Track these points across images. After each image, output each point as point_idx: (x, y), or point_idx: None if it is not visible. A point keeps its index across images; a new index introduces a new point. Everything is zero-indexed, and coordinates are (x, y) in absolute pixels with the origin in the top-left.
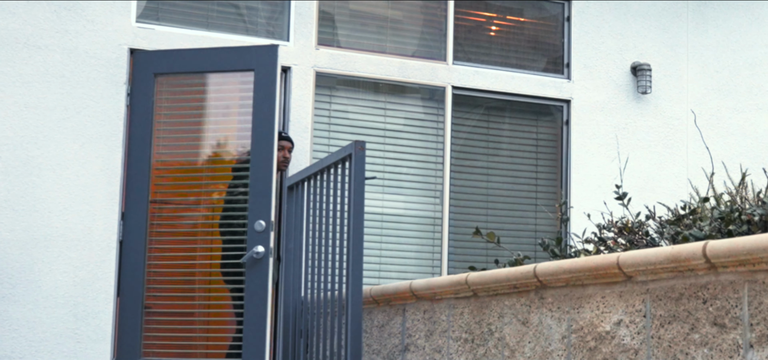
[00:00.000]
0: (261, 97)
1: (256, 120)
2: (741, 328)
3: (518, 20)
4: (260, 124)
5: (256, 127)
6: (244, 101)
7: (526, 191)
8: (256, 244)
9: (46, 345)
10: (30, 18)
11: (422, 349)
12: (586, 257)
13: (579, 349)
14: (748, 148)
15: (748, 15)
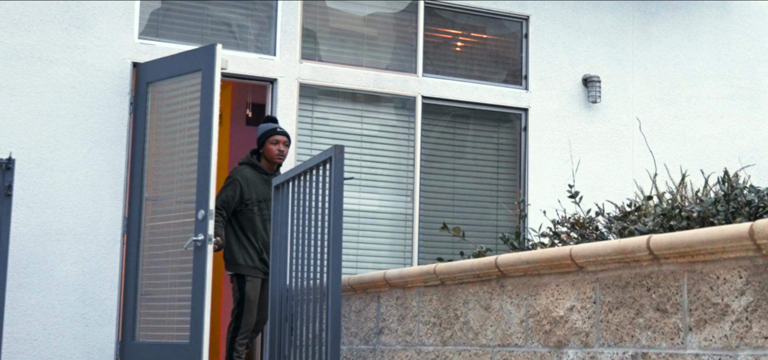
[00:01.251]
0: (205, 94)
1: (201, 116)
2: (681, 313)
3: (481, 37)
4: (204, 120)
5: (201, 123)
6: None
7: (488, 190)
8: (198, 233)
9: (58, 328)
10: (43, 35)
11: (395, 332)
12: (542, 249)
13: (536, 332)
14: (687, 152)
15: (687, 32)
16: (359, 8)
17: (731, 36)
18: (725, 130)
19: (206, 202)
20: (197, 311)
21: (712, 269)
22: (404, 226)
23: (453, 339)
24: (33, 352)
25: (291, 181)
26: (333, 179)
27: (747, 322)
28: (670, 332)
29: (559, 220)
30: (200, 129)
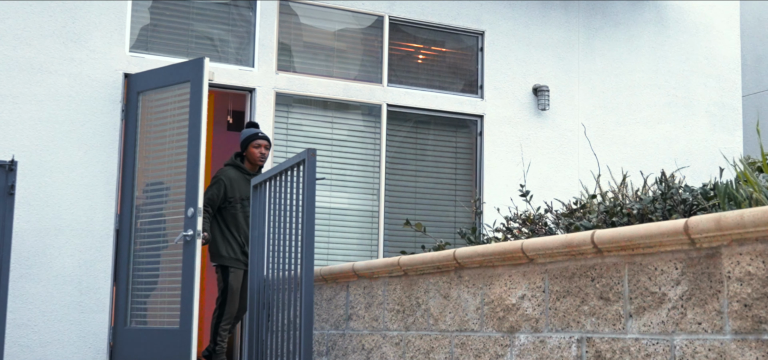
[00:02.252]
0: (194, 103)
1: (190, 123)
2: (622, 301)
3: (441, 50)
4: (193, 126)
5: (190, 128)
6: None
7: (447, 190)
8: (188, 228)
9: (56, 315)
10: (43, 48)
11: (363, 318)
12: (496, 243)
13: (490, 318)
14: (628, 155)
15: (628, 46)
16: (330, 24)
17: (667, 49)
18: (662, 135)
19: (195, 200)
20: (187, 299)
21: (651, 261)
22: (371, 222)
23: (415, 325)
24: (33, 336)
25: (268, 181)
26: (306, 179)
27: (682, 310)
28: (612, 318)
29: (512, 216)
30: (189, 134)
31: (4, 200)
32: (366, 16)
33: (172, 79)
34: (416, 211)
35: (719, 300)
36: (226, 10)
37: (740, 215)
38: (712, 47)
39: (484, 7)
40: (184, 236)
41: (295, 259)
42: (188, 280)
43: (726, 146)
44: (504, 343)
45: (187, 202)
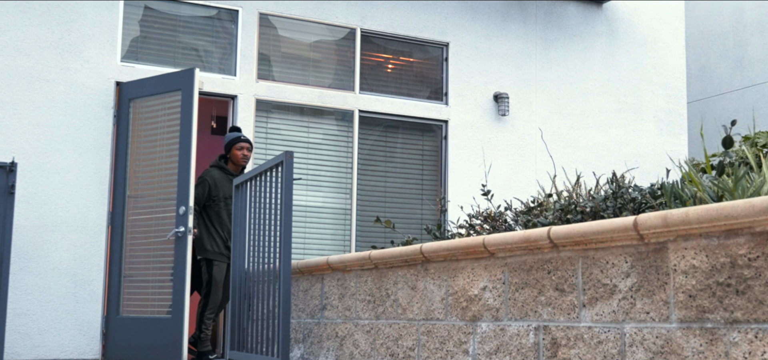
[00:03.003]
0: (185, 109)
1: (182, 128)
2: (576, 292)
3: (408, 60)
4: (184, 131)
5: (181, 133)
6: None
7: (414, 189)
8: (180, 225)
9: (53, 305)
10: (40, 58)
11: (336, 308)
12: (460, 239)
13: (454, 307)
14: (581, 157)
15: (581, 56)
16: (306, 36)
17: (618, 60)
18: (613, 138)
19: (186, 199)
20: (178, 291)
21: (603, 255)
22: (344, 219)
23: (385, 314)
24: (32, 324)
25: (249, 181)
26: (284, 180)
27: (631, 300)
28: (567, 308)
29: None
30: (180, 139)
31: (5, 199)
32: (339, 29)
33: (163, 88)
34: (386, 209)
35: (666, 291)
36: (210, 23)
37: (685, 213)
38: (659, 57)
39: (449, 20)
40: (176, 232)
41: (274, 253)
42: (180, 273)
43: (672, 149)
44: (467, 331)
45: (179, 201)
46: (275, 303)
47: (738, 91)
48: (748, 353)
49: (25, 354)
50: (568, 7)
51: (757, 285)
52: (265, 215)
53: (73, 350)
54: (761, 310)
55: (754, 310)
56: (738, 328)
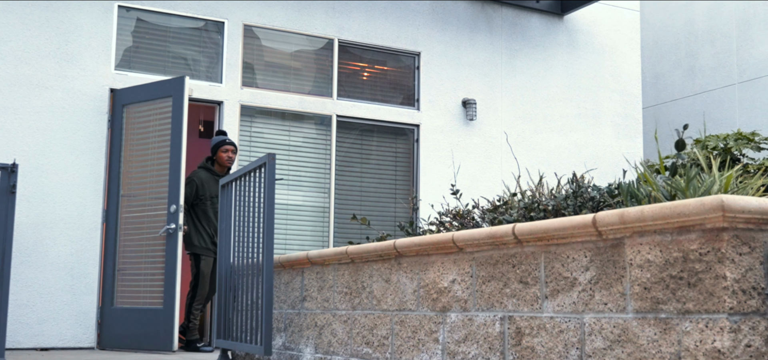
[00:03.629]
0: (176, 115)
1: (173, 132)
2: (539, 285)
3: (383, 68)
4: (175, 136)
5: (172, 137)
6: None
7: (388, 189)
8: (171, 222)
9: (51, 296)
10: (40, 67)
11: (315, 299)
12: (431, 235)
13: (425, 299)
14: (544, 159)
15: (544, 65)
16: (287, 46)
17: (578, 68)
18: (573, 141)
19: (177, 198)
20: (170, 283)
21: (564, 250)
22: (322, 216)
23: (361, 305)
24: (32, 315)
25: (234, 181)
26: (267, 180)
27: (591, 292)
28: (530, 300)
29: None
30: (172, 142)
31: (7, 198)
32: (318, 39)
33: (155, 94)
34: (362, 207)
35: (622, 284)
36: (198, 34)
37: (641, 211)
38: (616, 66)
39: (420, 31)
40: (167, 229)
41: (258, 248)
42: (171, 267)
43: (628, 151)
44: (437, 321)
45: (170, 199)
46: (258, 295)
47: (689, 97)
48: (699, 342)
49: (25, 342)
50: (531, 19)
51: (707, 278)
52: (249, 213)
53: (70, 339)
54: (711, 302)
55: (704, 302)
56: (690, 318)
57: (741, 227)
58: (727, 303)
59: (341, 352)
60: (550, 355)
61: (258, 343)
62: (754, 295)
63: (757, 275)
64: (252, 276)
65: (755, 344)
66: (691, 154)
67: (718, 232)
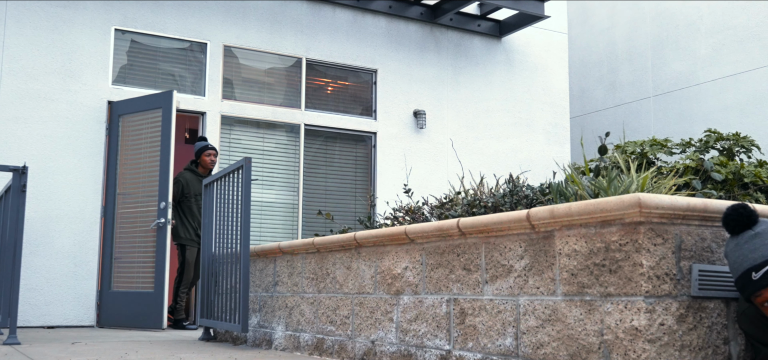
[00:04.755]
0: (165, 125)
1: (163, 142)
2: (480, 271)
3: (344, 83)
4: (164, 142)
5: (162, 143)
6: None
7: (349, 188)
8: (161, 217)
9: (56, 281)
10: (47, 82)
11: (286, 284)
12: (386, 228)
13: (381, 284)
14: (484, 162)
15: (484, 80)
16: (262, 64)
17: (514, 83)
18: (510, 147)
19: (166, 196)
20: (160, 269)
21: (502, 241)
22: (292, 212)
23: (325, 289)
24: (39, 297)
25: (216, 181)
26: (244, 180)
27: (525, 277)
28: (473, 284)
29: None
30: (161, 147)
31: (18, 196)
32: (289, 58)
33: (147, 106)
34: (326, 204)
35: (553, 270)
36: (184, 53)
37: (569, 207)
38: (547, 81)
39: (377, 51)
40: (157, 223)
41: (236, 239)
42: (161, 256)
43: (558, 156)
44: (392, 303)
45: (160, 197)
46: (237, 280)
47: (611, 109)
48: (619, 321)
49: (34, 321)
50: (473, 41)
51: (626, 265)
52: (228, 209)
53: (73, 318)
54: (629, 286)
55: (623, 286)
56: (611, 300)
57: (655, 221)
58: (644, 287)
59: (309, 330)
60: (489, 332)
61: (236, 322)
62: (666, 280)
63: (670, 263)
64: (231, 264)
65: (668, 323)
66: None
67: (636, 226)
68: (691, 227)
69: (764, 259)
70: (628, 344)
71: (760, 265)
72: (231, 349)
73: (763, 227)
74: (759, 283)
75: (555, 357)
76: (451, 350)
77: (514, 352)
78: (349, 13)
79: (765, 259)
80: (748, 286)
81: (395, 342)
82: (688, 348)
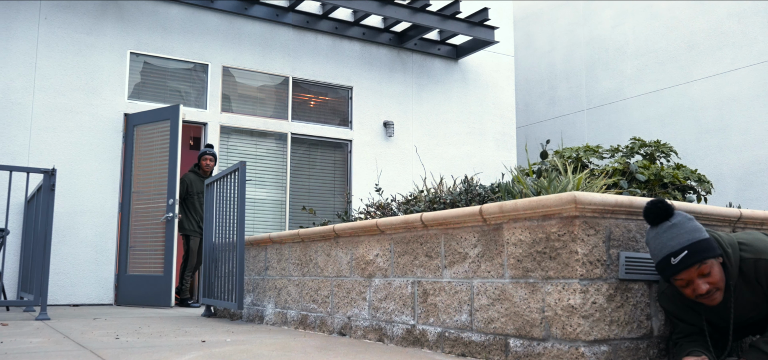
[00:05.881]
0: (173, 135)
1: (170, 148)
2: (440, 258)
3: (325, 98)
4: (172, 150)
5: (170, 149)
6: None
7: (329, 187)
8: (169, 212)
9: (81, 266)
10: (72, 97)
11: (275, 268)
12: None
13: (356, 268)
14: (444, 165)
15: (444, 96)
16: (254, 82)
17: (469, 98)
18: (465, 152)
19: (174, 194)
20: (168, 256)
21: (458, 232)
22: (280, 207)
23: (309, 273)
24: (66, 280)
25: (216, 181)
26: (240, 180)
27: (478, 263)
28: (433, 269)
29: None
30: (170, 153)
31: (48, 194)
32: (278, 77)
33: (157, 118)
34: (310, 200)
35: (501, 257)
36: (189, 73)
37: (515, 203)
38: (497, 96)
39: (353, 71)
40: (166, 217)
41: (233, 231)
42: (169, 244)
43: (506, 160)
44: (365, 284)
45: (168, 195)
46: (233, 265)
47: (551, 120)
48: (558, 300)
49: (61, 300)
50: (434, 62)
51: (563, 253)
52: (226, 205)
53: (94, 297)
54: (566, 270)
55: (561, 270)
56: (551, 282)
57: (588, 215)
58: (579, 271)
59: (294, 308)
60: (448, 310)
61: (233, 301)
62: (598, 265)
63: (601, 251)
64: (229, 251)
65: (599, 301)
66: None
67: (572, 219)
68: (619, 220)
69: (681, 246)
70: (565, 320)
71: (678, 251)
72: (229, 323)
73: (678, 219)
74: (677, 266)
75: (503, 331)
76: (415, 325)
77: (468, 327)
78: (329, 38)
79: (682, 245)
80: (667, 269)
81: (368, 318)
82: (616, 323)
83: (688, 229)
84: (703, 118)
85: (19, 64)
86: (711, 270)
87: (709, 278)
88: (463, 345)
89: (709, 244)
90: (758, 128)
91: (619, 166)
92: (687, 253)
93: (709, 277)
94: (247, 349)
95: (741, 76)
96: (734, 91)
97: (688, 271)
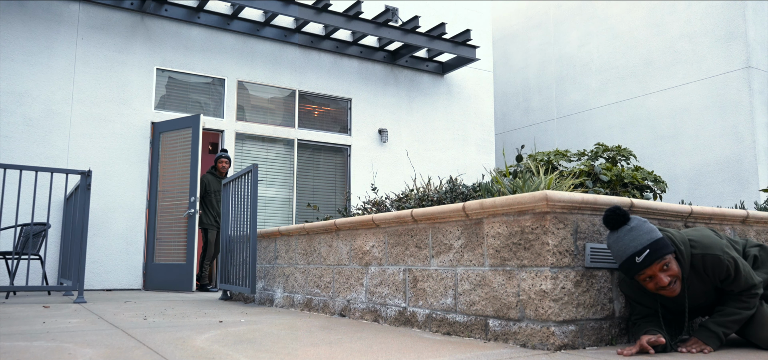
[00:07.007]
0: (194, 141)
1: (192, 153)
2: (428, 249)
3: (327, 108)
4: (194, 155)
5: (191, 153)
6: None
7: (331, 186)
8: (190, 208)
9: (113, 256)
10: (106, 108)
11: (284, 258)
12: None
13: (354, 258)
14: (432, 168)
15: (431, 106)
16: (266, 94)
17: (453, 108)
18: (450, 156)
19: (194, 192)
20: (190, 247)
21: (444, 226)
22: (288, 205)
23: (313, 261)
24: (100, 267)
25: (232, 181)
26: (252, 181)
27: (461, 253)
28: (422, 258)
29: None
30: (191, 156)
31: (85, 193)
32: (286, 89)
33: (180, 126)
34: (314, 198)
35: (482, 248)
36: (208, 86)
37: (494, 201)
38: (478, 107)
39: (352, 85)
40: (188, 212)
41: (246, 224)
42: (191, 237)
43: (485, 163)
44: (362, 272)
45: (190, 193)
46: (247, 255)
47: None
48: (531, 285)
49: (96, 286)
50: (423, 77)
51: (536, 244)
52: (241, 202)
53: (125, 283)
54: (539, 259)
55: (534, 259)
56: (525, 270)
57: (558, 211)
58: (550, 260)
59: (300, 292)
60: (435, 294)
61: (247, 286)
62: (566, 255)
63: (569, 242)
64: (243, 243)
65: (567, 287)
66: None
67: (544, 215)
68: (585, 215)
69: (643, 245)
70: (538, 303)
71: (641, 250)
72: (243, 306)
73: (635, 223)
74: (642, 264)
75: (484, 312)
76: (406, 307)
77: (453, 309)
78: (331, 56)
79: (643, 245)
80: (633, 268)
81: (365, 301)
82: (583, 305)
83: (645, 230)
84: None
85: (59, 79)
86: (670, 264)
87: (669, 271)
88: (449, 325)
89: (665, 242)
90: (706, 135)
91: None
92: (649, 252)
93: (669, 270)
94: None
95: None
96: (686, 103)
97: (651, 267)
